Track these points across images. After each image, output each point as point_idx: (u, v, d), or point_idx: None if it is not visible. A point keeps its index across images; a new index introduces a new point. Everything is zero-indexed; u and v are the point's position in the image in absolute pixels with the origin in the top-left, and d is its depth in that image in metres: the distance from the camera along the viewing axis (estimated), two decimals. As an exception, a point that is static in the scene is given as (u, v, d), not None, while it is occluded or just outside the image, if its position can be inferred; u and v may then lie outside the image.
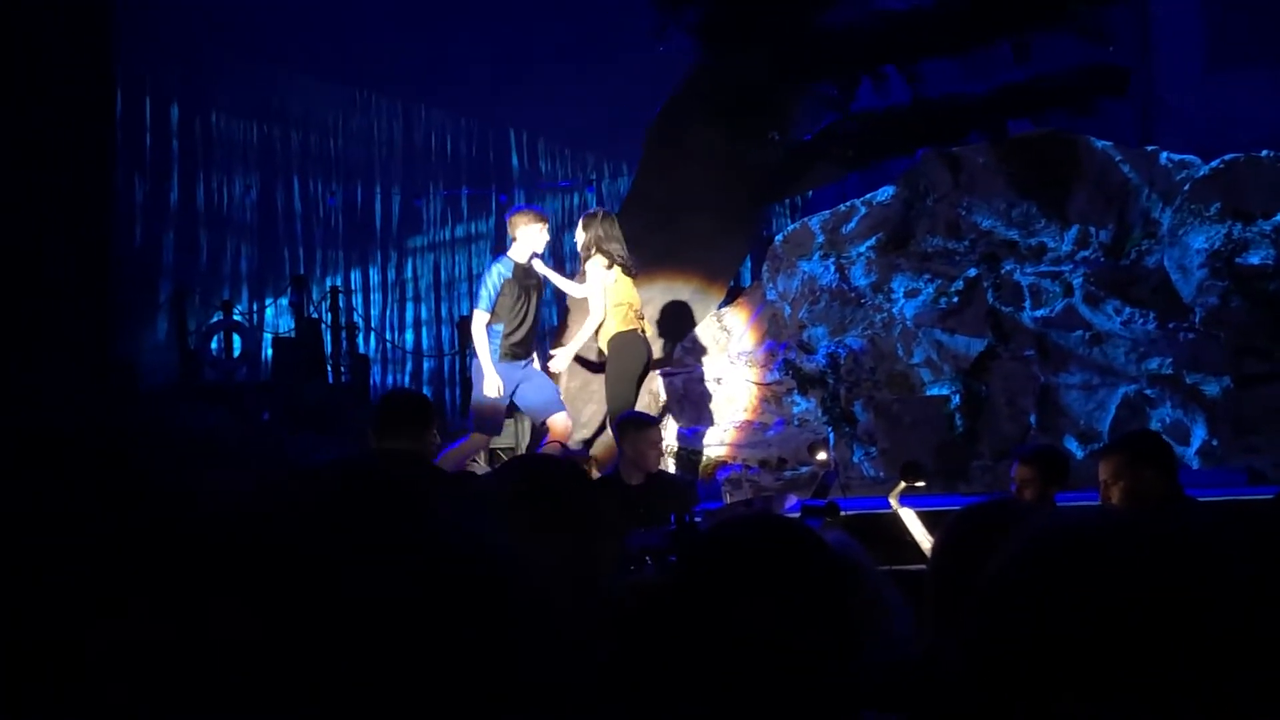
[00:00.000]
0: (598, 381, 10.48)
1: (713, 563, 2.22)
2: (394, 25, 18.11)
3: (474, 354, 9.67)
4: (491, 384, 9.40)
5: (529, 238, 9.60)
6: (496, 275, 9.52)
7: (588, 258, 9.75)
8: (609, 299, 9.70)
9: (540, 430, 10.06)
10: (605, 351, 9.84)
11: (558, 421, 9.64)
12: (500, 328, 9.49)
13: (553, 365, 10.02)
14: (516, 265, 9.56)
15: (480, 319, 9.49)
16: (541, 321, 10.11)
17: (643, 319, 10.01)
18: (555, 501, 2.81)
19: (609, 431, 9.83)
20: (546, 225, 9.77)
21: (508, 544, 1.14)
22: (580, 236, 9.86)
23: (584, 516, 2.83)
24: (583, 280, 9.93)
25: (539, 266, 9.84)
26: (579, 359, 10.59)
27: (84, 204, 11.97)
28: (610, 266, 9.71)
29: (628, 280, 9.82)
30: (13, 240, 11.35)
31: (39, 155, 11.50)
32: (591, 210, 10.24)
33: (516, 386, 9.58)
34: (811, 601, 2.13)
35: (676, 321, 11.99)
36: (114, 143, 13.60)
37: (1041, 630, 1.37)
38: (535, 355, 9.88)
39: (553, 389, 9.94)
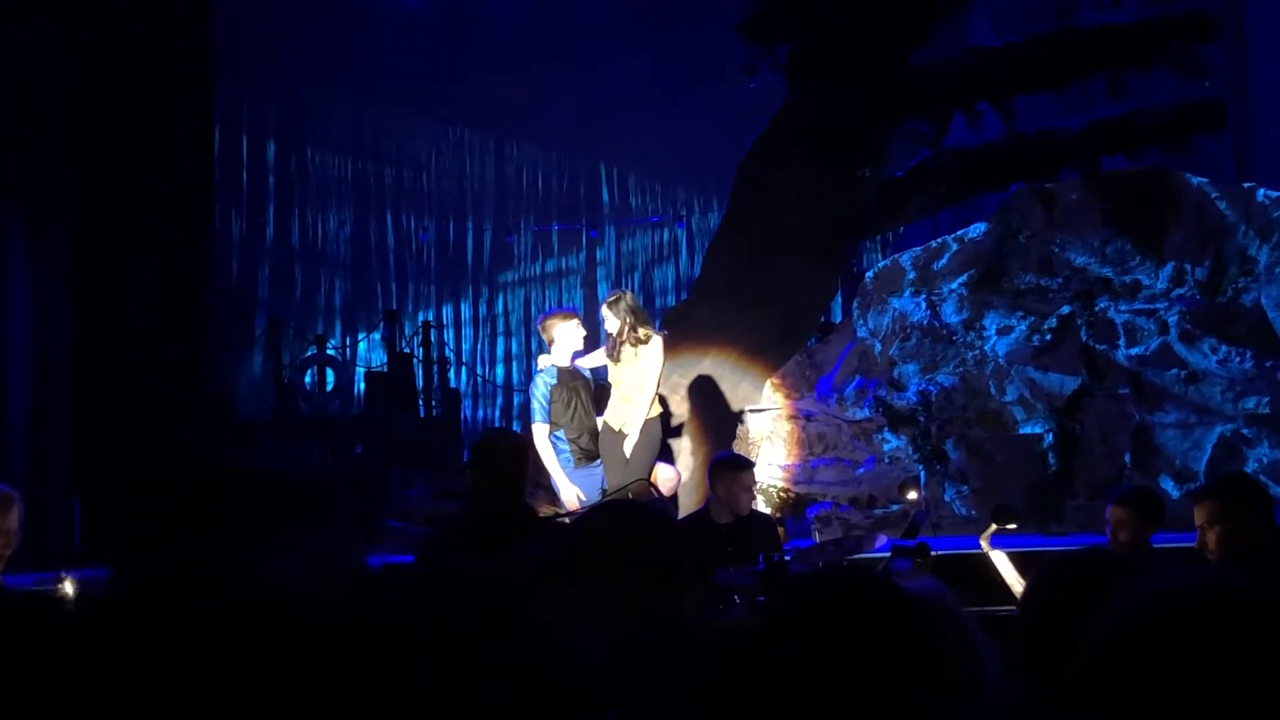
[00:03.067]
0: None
1: (802, 610, 2.22)
2: (485, 63, 18.29)
3: (545, 471, 9.19)
4: (570, 493, 9.00)
5: (565, 338, 9.20)
6: (543, 384, 9.16)
7: (638, 338, 9.21)
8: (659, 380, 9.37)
9: None
10: (636, 433, 9.18)
11: (659, 475, 9.41)
12: (563, 433, 9.16)
13: (627, 447, 9.20)
14: (560, 370, 9.20)
15: (540, 431, 9.10)
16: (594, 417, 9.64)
17: None
18: (642, 547, 2.81)
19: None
20: (579, 320, 9.38)
21: (590, 649, 1.16)
22: (614, 320, 9.26)
23: (670, 562, 2.83)
24: (630, 361, 9.31)
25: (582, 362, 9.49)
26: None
27: (182, 239, 12.17)
28: (664, 346, 9.42)
29: None
30: (114, 275, 11.56)
31: (139, 192, 11.72)
32: (613, 294, 9.47)
33: (602, 483, 9.21)
34: (900, 653, 2.11)
35: (765, 357, 11.95)
36: (212, 179, 13.81)
37: (1156, 694, 1.35)
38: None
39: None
